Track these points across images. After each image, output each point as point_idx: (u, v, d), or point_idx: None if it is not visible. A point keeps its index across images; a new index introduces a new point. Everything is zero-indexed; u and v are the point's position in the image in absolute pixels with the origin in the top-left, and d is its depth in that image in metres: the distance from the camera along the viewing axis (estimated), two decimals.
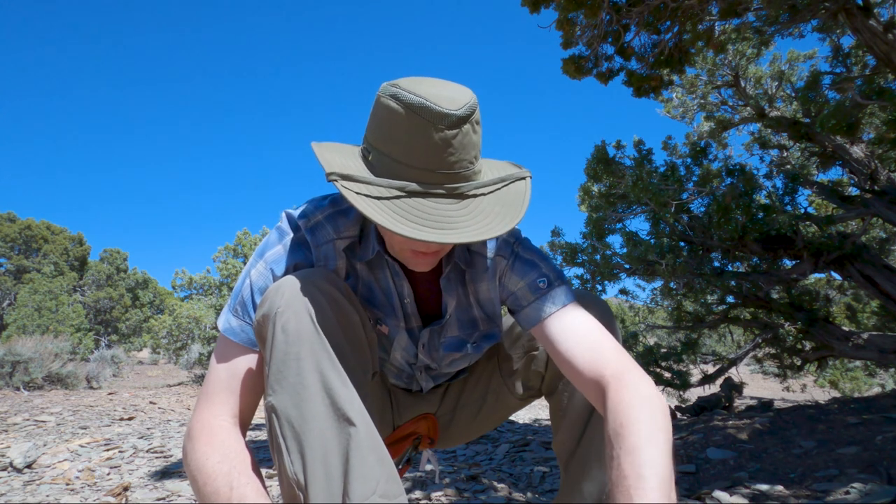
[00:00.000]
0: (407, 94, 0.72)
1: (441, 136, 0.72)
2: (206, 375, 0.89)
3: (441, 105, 0.71)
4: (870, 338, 3.76)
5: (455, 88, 0.76)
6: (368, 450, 0.73)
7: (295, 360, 0.75)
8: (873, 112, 3.89)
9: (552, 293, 0.93)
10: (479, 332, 1.04)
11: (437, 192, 0.74)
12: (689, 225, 4.00)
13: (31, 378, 5.96)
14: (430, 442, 1.18)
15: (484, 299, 1.01)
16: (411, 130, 0.72)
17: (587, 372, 0.83)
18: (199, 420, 0.83)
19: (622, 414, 0.73)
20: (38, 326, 12.80)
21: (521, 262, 0.97)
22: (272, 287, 0.81)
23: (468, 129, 0.74)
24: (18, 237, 17.35)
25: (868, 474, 1.94)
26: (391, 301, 0.97)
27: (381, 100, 0.76)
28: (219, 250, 8.94)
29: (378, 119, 0.76)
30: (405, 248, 0.84)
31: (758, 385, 10.90)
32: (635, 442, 0.68)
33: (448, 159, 0.74)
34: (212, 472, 0.75)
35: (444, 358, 1.05)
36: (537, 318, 0.92)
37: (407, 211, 0.72)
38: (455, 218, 0.73)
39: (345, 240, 0.92)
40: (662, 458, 0.67)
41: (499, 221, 0.75)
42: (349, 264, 0.94)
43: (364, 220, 0.93)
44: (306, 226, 0.90)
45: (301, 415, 0.73)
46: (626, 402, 0.74)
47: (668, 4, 2.93)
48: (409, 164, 0.74)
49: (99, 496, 2.04)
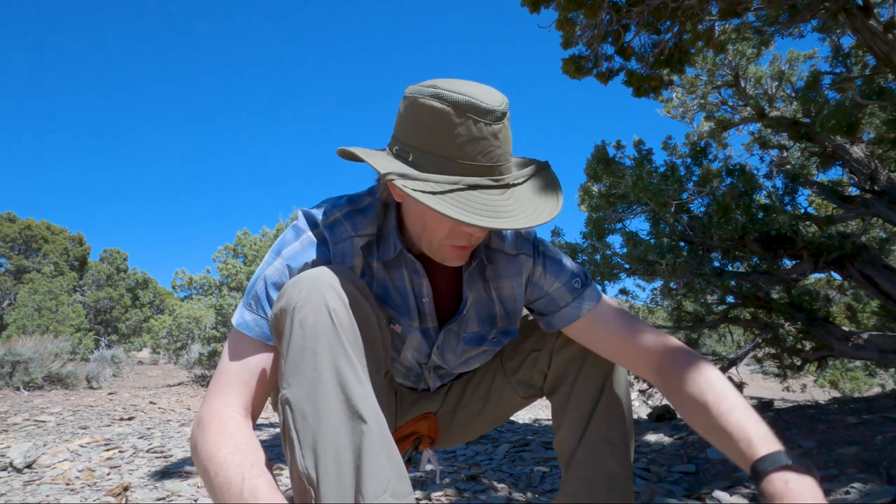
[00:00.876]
0: (450, 93, 0.76)
1: (490, 131, 0.77)
2: (216, 368, 0.88)
3: (486, 101, 0.76)
4: (870, 338, 3.76)
5: (487, 87, 0.81)
6: (380, 448, 0.73)
7: (312, 354, 0.75)
8: (873, 112, 3.89)
9: (587, 292, 1.00)
10: (498, 328, 1.05)
11: (488, 184, 0.79)
12: (689, 225, 4.00)
13: (31, 378, 5.96)
14: (431, 442, 1.18)
15: (506, 296, 1.03)
16: (461, 127, 0.76)
17: (646, 350, 0.93)
18: (210, 410, 0.82)
19: (713, 384, 0.83)
20: (38, 326, 12.80)
21: (551, 261, 1.02)
22: (290, 282, 0.82)
23: (507, 123, 0.80)
24: (18, 237, 17.35)
25: (868, 474, 1.94)
26: (406, 301, 0.98)
27: (420, 101, 0.79)
28: (219, 250, 8.94)
29: (419, 119, 0.79)
30: (446, 244, 0.87)
31: (758, 385, 10.91)
32: (733, 402, 0.80)
33: (495, 152, 0.79)
34: (223, 462, 0.74)
35: (460, 357, 1.06)
36: (576, 316, 0.99)
37: (464, 203, 0.76)
38: (506, 207, 0.78)
39: (363, 238, 0.93)
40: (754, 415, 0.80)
41: (543, 207, 0.81)
42: (365, 262, 0.95)
43: (382, 219, 0.95)
44: (325, 223, 0.91)
45: (315, 409, 0.73)
46: (709, 375, 0.85)
47: (668, 4, 2.93)
48: (459, 159, 0.78)
49: (99, 496, 2.04)
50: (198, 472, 0.81)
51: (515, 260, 1.00)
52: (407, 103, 0.81)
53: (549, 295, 1.01)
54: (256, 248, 8.70)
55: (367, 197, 0.95)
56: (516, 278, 1.01)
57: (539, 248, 1.02)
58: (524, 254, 1.00)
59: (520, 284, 1.02)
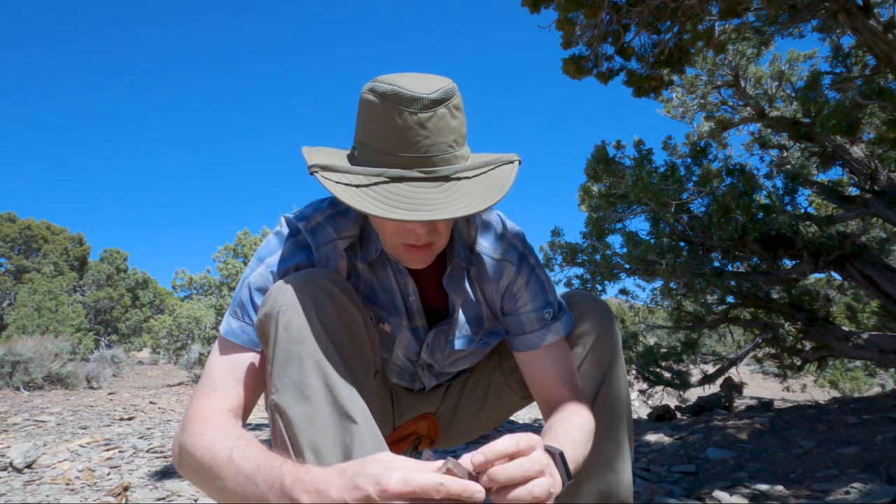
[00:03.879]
0: (382, 84, 0.75)
1: (415, 120, 0.73)
2: (202, 375, 0.87)
3: (413, 90, 0.73)
4: (870, 338, 3.76)
5: (433, 78, 0.78)
6: (371, 447, 0.73)
7: (297, 358, 0.75)
8: (873, 112, 3.89)
9: (554, 325, 0.97)
10: (485, 329, 1.05)
11: (415, 176, 0.75)
12: (689, 225, 4.00)
13: (31, 378, 5.95)
14: (431, 441, 1.18)
15: (490, 299, 1.02)
16: (384, 116, 0.74)
17: (555, 399, 0.93)
18: (193, 411, 0.81)
19: (564, 411, 0.88)
20: (38, 326, 12.80)
21: (535, 280, 0.99)
22: (274, 286, 0.82)
23: (444, 112, 0.75)
24: (18, 237, 17.35)
25: (868, 474, 1.94)
26: (393, 300, 0.97)
27: (362, 95, 0.78)
28: (219, 250, 8.94)
29: (359, 114, 0.79)
30: (396, 244, 0.85)
31: (758, 385, 10.89)
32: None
33: (423, 142, 0.75)
34: (208, 444, 0.72)
35: (449, 357, 1.06)
36: (536, 346, 0.97)
37: (384, 196, 0.73)
38: (433, 200, 0.74)
39: (345, 239, 0.92)
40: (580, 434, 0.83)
41: (482, 199, 0.75)
42: (350, 264, 0.94)
43: (365, 220, 0.94)
44: (307, 227, 0.91)
45: (303, 413, 0.73)
46: (570, 410, 0.89)
47: (668, 4, 2.93)
48: (386, 151, 0.76)
49: (99, 496, 2.04)
50: (185, 471, 0.77)
51: (498, 265, 0.98)
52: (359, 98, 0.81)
53: (518, 315, 0.99)
54: (256, 247, 8.70)
55: None
56: (496, 283, 0.99)
57: (527, 260, 0.99)
58: (508, 261, 0.98)
59: (498, 289, 1.00)
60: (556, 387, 0.94)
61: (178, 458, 0.78)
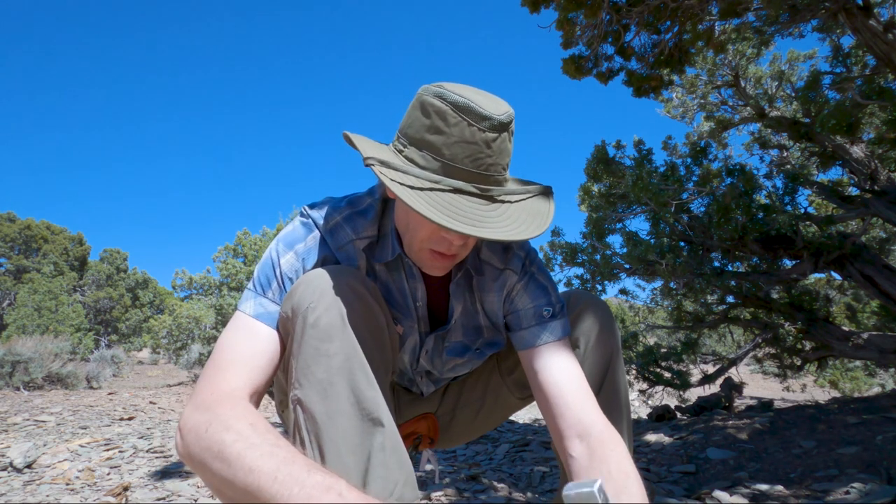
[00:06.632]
0: (452, 94, 0.75)
1: (482, 137, 0.75)
2: (213, 352, 0.82)
3: (484, 108, 0.75)
4: (870, 338, 3.76)
5: (497, 100, 0.80)
6: (391, 452, 0.73)
7: (325, 357, 0.75)
8: (873, 112, 3.89)
9: (552, 324, 0.95)
10: (483, 339, 1.05)
11: (471, 190, 0.77)
12: (689, 225, 4.00)
13: (31, 378, 5.95)
14: (431, 442, 1.18)
15: (489, 309, 1.01)
16: (453, 125, 0.75)
17: (567, 416, 0.86)
18: (213, 391, 0.74)
19: (618, 476, 0.77)
20: (38, 326, 12.80)
21: (535, 284, 0.99)
22: (302, 279, 0.81)
23: (506, 136, 0.78)
24: (18, 237, 17.34)
25: (868, 474, 1.94)
26: (407, 302, 0.98)
27: (424, 98, 0.78)
28: (219, 250, 8.94)
29: (419, 114, 0.79)
30: (425, 248, 0.85)
31: (758, 385, 10.89)
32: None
33: (485, 161, 0.77)
34: (250, 435, 0.65)
35: (446, 363, 1.06)
36: (531, 344, 0.95)
37: (440, 203, 0.74)
38: (485, 217, 0.76)
39: (364, 240, 0.92)
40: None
41: (527, 226, 0.78)
42: (368, 265, 0.95)
43: (382, 220, 0.94)
44: (325, 228, 0.91)
45: (326, 411, 0.73)
46: (618, 465, 0.78)
47: (668, 4, 2.93)
48: (447, 160, 0.76)
49: (99, 496, 2.04)
50: (202, 458, 0.68)
51: (502, 275, 0.99)
52: (415, 99, 0.82)
53: (517, 313, 0.98)
54: (256, 248, 8.70)
55: (367, 198, 0.95)
56: (499, 293, 0.99)
57: (530, 268, 0.99)
58: (511, 269, 0.98)
59: (500, 299, 1.00)
60: (555, 389, 0.92)
61: (194, 439, 0.69)
